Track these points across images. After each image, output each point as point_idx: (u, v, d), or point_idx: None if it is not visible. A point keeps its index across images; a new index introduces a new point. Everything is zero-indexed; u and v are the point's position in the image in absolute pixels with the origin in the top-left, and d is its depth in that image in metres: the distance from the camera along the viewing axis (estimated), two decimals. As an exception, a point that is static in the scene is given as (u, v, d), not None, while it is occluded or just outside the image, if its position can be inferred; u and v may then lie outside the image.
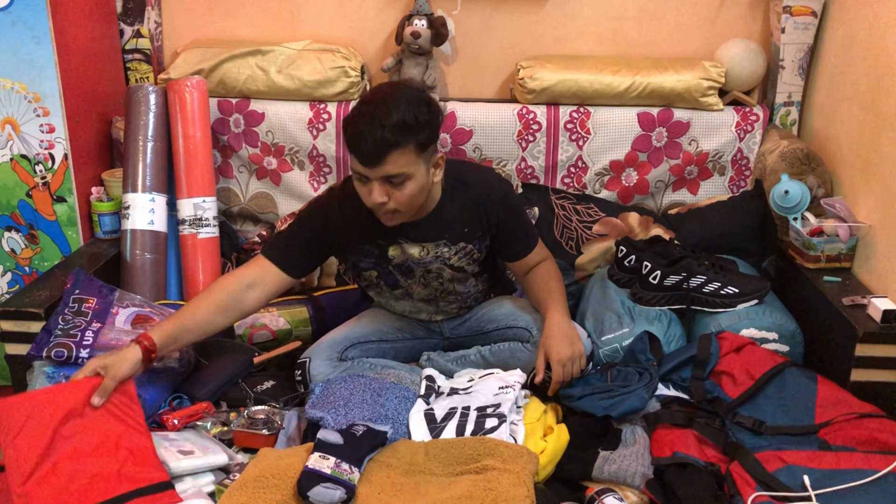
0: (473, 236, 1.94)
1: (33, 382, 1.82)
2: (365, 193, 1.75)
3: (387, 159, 1.67)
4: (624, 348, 2.04)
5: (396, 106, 1.67)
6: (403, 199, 1.74)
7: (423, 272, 1.98)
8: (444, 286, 2.02)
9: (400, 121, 1.66)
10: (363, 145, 1.67)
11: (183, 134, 2.39)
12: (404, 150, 1.68)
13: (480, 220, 1.92)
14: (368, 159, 1.68)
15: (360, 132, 1.67)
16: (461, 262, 1.97)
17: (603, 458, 1.67)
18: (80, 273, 2.05)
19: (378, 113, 1.67)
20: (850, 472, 1.54)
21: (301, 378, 1.97)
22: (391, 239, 1.92)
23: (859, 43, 2.22)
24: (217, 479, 1.65)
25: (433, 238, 1.91)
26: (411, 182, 1.73)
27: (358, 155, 1.69)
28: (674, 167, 2.52)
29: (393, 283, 2.01)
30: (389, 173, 1.69)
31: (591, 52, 2.63)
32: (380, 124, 1.65)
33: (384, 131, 1.65)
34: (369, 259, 1.96)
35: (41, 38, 2.18)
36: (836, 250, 2.15)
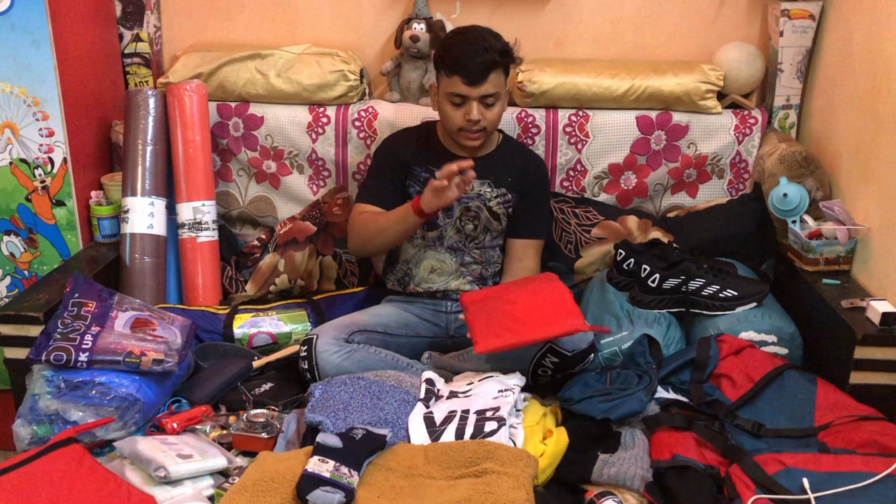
0: (513, 188, 2.18)
1: (32, 386, 1.82)
2: (460, 115, 2.03)
3: (489, 78, 1.99)
4: (623, 351, 2.04)
5: (489, 35, 2.03)
6: (493, 117, 2.05)
7: (462, 210, 2.14)
8: (476, 232, 2.18)
9: (500, 45, 2.02)
10: (471, 64, 1.97)
11: (182, 138, 2.40)
12: (499, 71, 2.02)
13: (522, 176, 2.18)
14: (475, 77, 1.97)
15: (467, 52, 1.97)
16: (499, 208, 2.18)
17: (602, 461, 1.67)
18: (80, 277, 2.05)
19: (478, 38, 2.00)
20: (849, 475, 1.54)
21: (306, 354, 1.97)
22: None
23: (857, 46, 2.22)
24: (216, 483, 1.65)
25: (481, 175, 2.11)
26: (500, 103, 2.06)
27: (463, 74, 1.98)
28: (672, 170, 2.53)
29: (432, 220, 2.13)
30: (489, 92, 2.00)
31: (590, 55, 2.64)
32: (484, 48, 1.98)
33: (489, 53, 1.98)
34: (417, 185, 2.16)
35: (41, 43, 2.19)
36: (835, 253, 2.15)
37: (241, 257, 2.52)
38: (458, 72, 1.99)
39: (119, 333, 1.92)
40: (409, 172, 2.17)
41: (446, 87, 2.03)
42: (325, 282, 2.49)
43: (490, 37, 2.02)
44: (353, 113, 2.52)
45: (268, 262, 2.42)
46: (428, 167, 2.14)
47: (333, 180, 2.58)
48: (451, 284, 2.19)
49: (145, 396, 1.84)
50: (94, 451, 1.78)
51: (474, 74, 1.98)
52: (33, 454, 1.64)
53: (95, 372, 1.82)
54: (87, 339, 1.85)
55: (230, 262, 2.51)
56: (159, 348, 1.91)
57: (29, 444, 1.78)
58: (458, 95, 2.01)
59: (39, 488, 1.56)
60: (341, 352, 1.98)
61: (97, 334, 1.88)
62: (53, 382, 1.80)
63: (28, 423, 1.79)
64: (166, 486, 1.61)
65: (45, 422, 1.79)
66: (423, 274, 2.20)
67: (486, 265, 2.20)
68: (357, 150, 2.53)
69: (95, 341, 1.86)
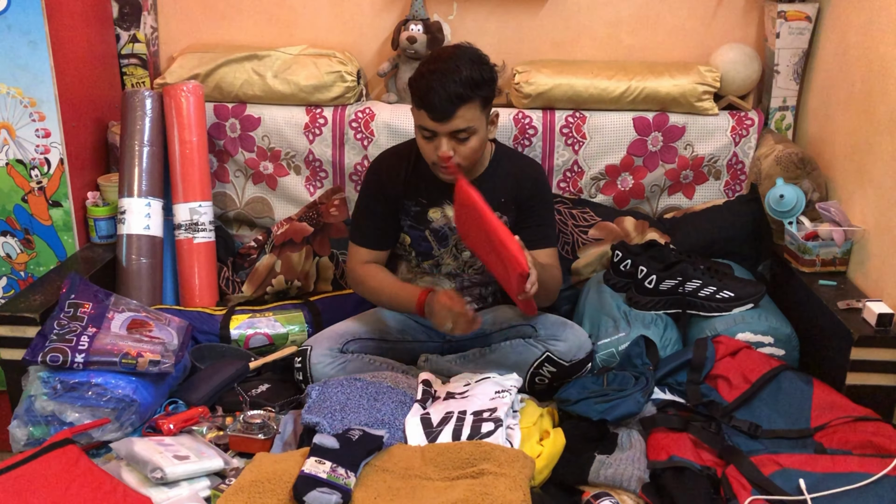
0: (508, 208, 2.04)
1: (28, 387, 1.82)
2: (430, 149, 1.87)
3: (457, 113, 1.81)
4: (620, 353, 2.04)
5: (463, 63, 1.82)
6: (468, 152, 1.87)
7: (457, 240, 2.04)
8: (473, 258, 2.07)
9: (469, 76, 1.80)
10: (435, 100, 1.79)
11: (179, 139, 2.39)
12: (472, 104, 1.82)
13: (515, 192, 2.03)
14: (440, 114, 1.80)
15: (432, 87, 1.79)
16: None
17: (599, 462, 1.67)
18: (76, 278, 2.05)
19: (448, 69, 1.80)
20: (845, 476, 1.54)
21: (301, 366, 1.98)
22: (434, 200, 2.00)
23: (853, 48, 2.23)
24: (213, 484, 1.65)
25: None
26: (475, 137, 1.87)
27: (429, 110, 1.81)
28: (669, 171, 2.53)
29: (426, 251, 2.07)
30: (458, 127, 1.83)
31: (587, 56, 2.64)
32: (451, 80, 1.79)
33: (456, 86, 1.79)
34: (407, 218, 2.05)
35: (37, 43, 2.18)
36: (831, 254, 2.16)
37: (237, 258, 2.52)
38: (424, 107, 1.82)
39: (115, 334, 1.92)
40: (401, 206, 2.07)
41: (416, 120, 1.88)
42: (322, 283, 2.49)
43: (464, 66, 1.81)
44: (350, 114, 2.52)
45: (264, 263, 2.42)
46: (418, 199, 2.04)
47: (330, 181, 2.58)
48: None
49: (142, 398, 1.84)
50: (91, 453, 1.78)
51: (440, 111, 1.80)
52: (29, 455, 1.64)
53: (92, 373, 1.82)
54: (84, 341, 1.85)
55: (227, 264, 2.51)
56: (156, 349, 1.91)
57: (25, 445, 1.78)
58: (426, 129, 1.85)
59: (35, 489, 1.56)
60: (335, 363, 1.98)
61: (93, 335, 1.88)
62: (50, 384, 1.80)
63: (24, 424, 1.79)
64: (162, 488, 1.61)
65: (42, 423, 1.79)
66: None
67: (486, 285, 2.16)
68: (354, 151, 2.53)
69: (92, 342, 1.85)
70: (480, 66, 1.84)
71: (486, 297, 2.18)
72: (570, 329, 2.01)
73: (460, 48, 1.89)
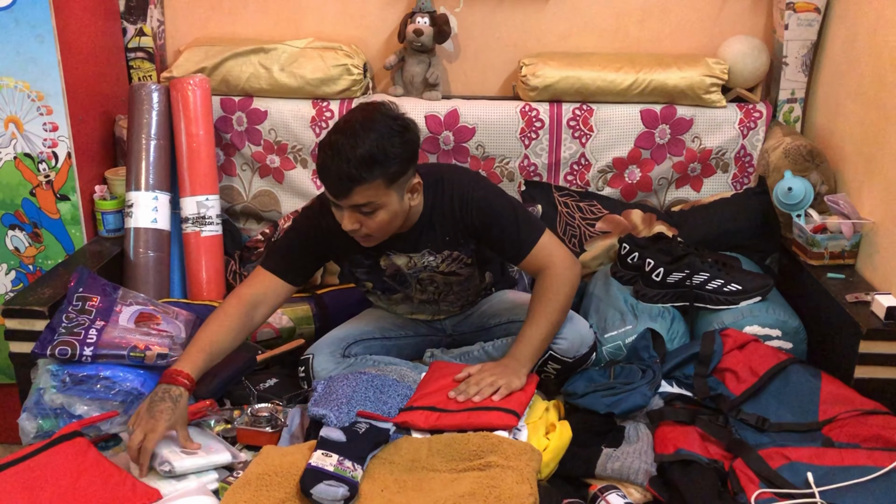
0: (457, 243, 1.91)
1: (37, 380, 1.83)
2: (339, 218, 1.76)
3: (353, 192, 1.67)
4: (627, 346, 2.04)
5: (365, 138, 1.65)
6: (375, 225, 1.74)
7: (415, 281, 1.98)
8: (439, 290, 2.01)
9: (366, 154, 1.64)
10: (328, 178, 1.68)
11: (186, 132, 2.40)
12: (371, 184, 1.67)
13: (460, 228, 1.88)
14: (334, 192, 1.70)
15: (325, 165, 1.67)
16: (451, 266, 1.95)
17: (606, 456, 1.67)
18: (84, 271, 2.05)
19: (345, 146, 1.64)
20: (853, 469, 1.54)
21: (304, 374, 1.98)
22: (378, 251, 1.91)
23: (862, 39, 2.21)
24: (220, 477, 1.65)
25: (417, 248, 1.91)
26: (382, 211, 1.73)
27: (326, 185, 1.71)
28: (677, 164, 2.52)
29: (390, 289, 2.02)
30: (357, 203, 1.69)
31: (594, 49, 2.63)
32: (345, 159, 1.64)
33: (349, 166, 1.64)
34: (362, 269, 1.98)
35: (44, 37, 2.19)
36: (840, 247, 2.15)
37: (244, 252, 2.53)
38: (323, 181, 1.70)
39: (123, 328, 1.93)
40: (345, 259, 1.97)
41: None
42: (329, 276, 2.49)
43: (365, 141, 1.64)
44: (357, 107, 2.51)
45: (271, 257, 2.42)
46: (367, 252, 1.90)
47: (337, 175, 2.57)
48: (440, 316, 2.12)
49: (150, 390, 1.83)
50: (99, 445, 1.78)
51: (333, 189, 1.69)
52: (38, 447, 1.64)
53: (100, 366, 1.83)
54: (92, 334, 1.86)
55: (234, 257, 2.51)
56: (163, 342, 1.91)
57: (34, 437, 1.79)
58: (331, 202, 1.74)
59: (44, 481, 1.57)
60: (339, 368, 1.97)
61: (102, 329, 1.89)
62: (58, 376, 1.81)
63: (33, 416, 1.80)
64: (171, 480, 1.62)
65: (51, 415, 1.80)
66: (405, 312, 2.11)
67: (468, 295, 2.07)
68: (361, 144, 2.52)
69: (100, 336, 1.86)
70: (388, 139, 1.67)
71: (472, 300, 2.11)
72: (570, 324, 1.94)
73: (374, 115, 1.71)
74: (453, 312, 2.11)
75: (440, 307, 2.08)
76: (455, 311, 2.11)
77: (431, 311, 2.10)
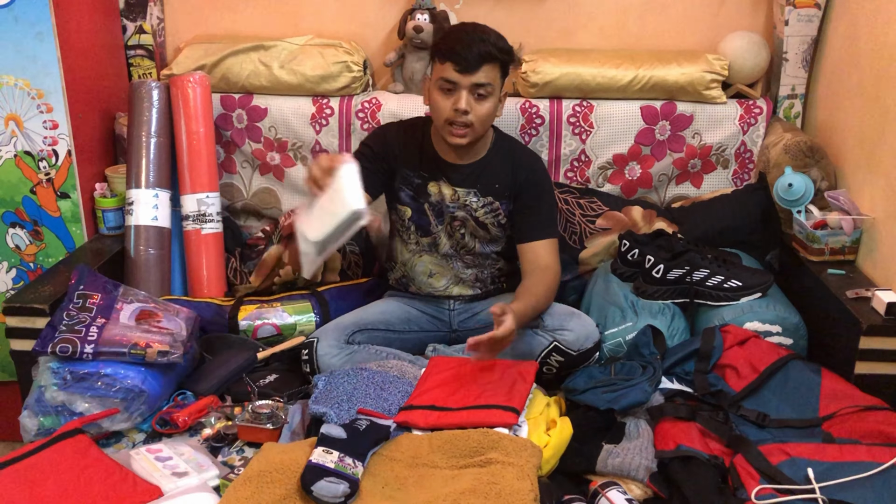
0: (502, 195, 2.08)
1: (38, 378, 1.83)
2: (448, 104, 1.92)
3: (482, 67, 1.90)
4: (627, 342, 2.04)
5: (491, 30, 1.95)
6: (482, 112, 1.94)
7: (450, 218, 2.08)
8: (465, 240, 2.11)
9: (499, 39, 1.94)
10: (464, 51, 1.88)
11: (186, 130, 2.40)
12: (495, 65, 1.93)
13: (510, 181, 2.07)
14: (467, 64, 1.89)
15: (462, 39, 1.90)
16: (486, 217, 2.08)
17: (606, 452, 1.67)
18: (85, 269, 2.06)
19: (478, 30, 1.93)
20: (853, 465, 1.53)
21: (307, 358, 1.99)
22: (434, 174, 2.05)
23: (863, 35, 2.21)
24: (222, 474, 1.66)
25: (467, 185, 2.06)
26: (491, 99, 1.95)
27: (456, 60, 1.89)
28: (677, 160, 2.52)
29: (425, 225, 2.10)
30: (480, 81, 1.90)
31: (594, 45, 2.62)
32: (481, 38, 1.91)
33: (486, 44, 1.90)
34: (408, 189, 2.09)
35: (44, 35, 2.19)
36: (840, 243, 2.15)
37: (245, 249, 2.53)
38: (451, 58, 1.90)
39: (124, 325, 1.93)
40: (399, 173, 2.09)
41: (438, 73, 1.95)
42: (330, 273, 2.49)
43: (491, 32, 1.96)
44: (357, 104, 2.52)
45: (272, 254, 2.42)
46: (420, 172, 2.08)
47: (337, 172, 2.57)
48: (453, 290, 2.18)
49: (150, 388, 1.85)
50: (101, 442, 1.79)
51: (467, 62, 1.89)
52: (40, 445, 1.65)
53: (101, 363, 1.83)
54: (93, 331, 1.86)
55: (235, 254, 2.51)
56: (164, 340, 1.91)
57: (35, 435, 1.79)
58: (448, 81, 1.92)
59: (46, 479, 1.57)
60: (342, 354, 1.99)
61: (102, 326, 1.89)
62: (59, 374, 1.81)
63: (34, 414, 1.80)
64: (172, 477, 1.62)
65: (52, 413, 1.80)
66: (421, 278, 2.18)
67: (482, 269, 2.17)
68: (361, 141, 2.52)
69: (101, 333, 1.86)
70: (503, 38, 1.96)
71: (484, 279, 2.18)
72: (577, 318, 2.02)
73: (481, 24, 2.00)
74: (465, 290, 2.16)
75: (457, 268, 2.14)
76: (466, 291, 2.16)
77: (448, 277, 2.15)
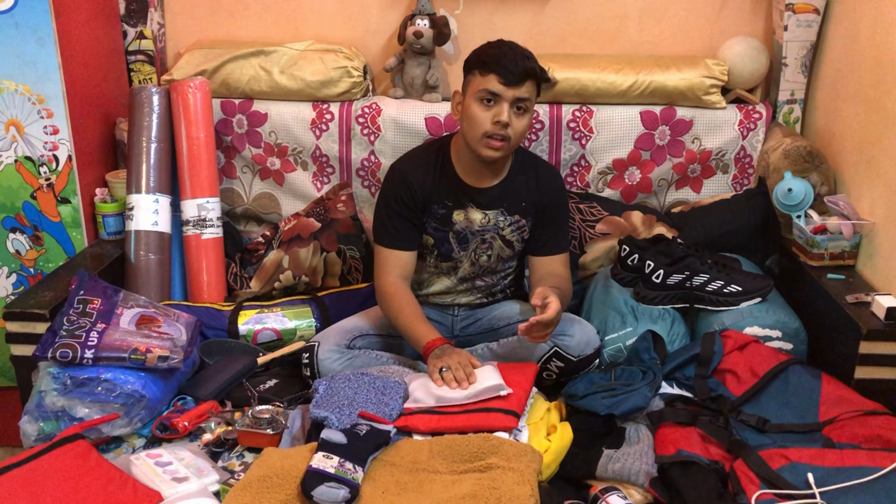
0: (528, 212, 2.10)
1: (38, 383, 1.83)
2: (488, 117, 1.92)
3: (526, 82, 1.91)
4: (627, 347, 2.04)
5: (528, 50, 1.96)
6: (520, 127, 1.95)
7: (477, 243, 2.08)
8: (489, 262, 2.13)
9: (535, 59, 1.96)
10: (511, 64, 1.89)
11: (186, 135, 2.40)
12: (535, 83, 1.95)
13: (534, 198, 2.09)
14: (513, 77, 1.89)
15: (507, 54, 1.91)
16: (512, 235, 2.10)
17: (607, 457, 1.67)
18: (85, 274, 2.06)
19: (519, 47, 1.95)
20: (854, 470, 1.54)
21: (308, 362, 1.99)
22: (459, 202, 2.05)
23: (862, 40, 2.22)
24: (222, 479, 1.66)
25: (495, 206, 2.07)
26: (528, 115, 1.96)
27: (502, 73, 1.89)
28: (677, 165, 2.52)
29: (447, 252, 2.10)
30: (523, 96, 1.92)
31: (594, 50, 2.63)
32: (524, 54, 1.93)
33: (530, 60, 1.93)
34: (433, 221, 2.09)
35: (45, 41, 2.19)
36: (840, 248, 2.15)
37: (245, 254, 2.53)
38: (495, 70, 1.89)
39: (124, 330, 1.93)
40: (427, 210, 2.07)
41: (479, 85, 1.91)
42: (330, 278, 2.49)
43: (528, 51, 1.96)
44: (357, 109, 2.52)
45: (272, 259, 2.43)
46: (444, 203, 2.06)
47: (337, 177, 2.58)
48: (461, 300, 2.19)
49: (151, 393, 1.85)
50: (101, 448, 1.79)
51: (513, 75, 1.89)
52: (40, 450, 1.65)
53: (101, 369, 1.83)
54: (93, 336, 1.86)
55: (235, 259, 2.51)
56: (164, 345, 1.91)
57: (35, 440, 1.79)
58: (491, 93, 1.90)
59: (46, 484, 1.57)
60: (342, 358, 1.99)
61: (103, 331, 1.89)
62: (59, 379, 1.81)
63: (34, 419, 1.80)
64: (172, 482, 1.62)
65: (52, 418, 1.80)
66: (433, 290, 2.19)
67: (495, 283, 2.19)
68: (361, 146, 2.53)
69: (101, 338, 1.86)
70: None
71: (495, 293, 2.19)
72: (577, 324, 2.02)
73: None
74: (472, 302, 2.19)
75: (473, 285, 2.18)
76: (474, 301, 2.19)
77: (459, 293, 2.17)
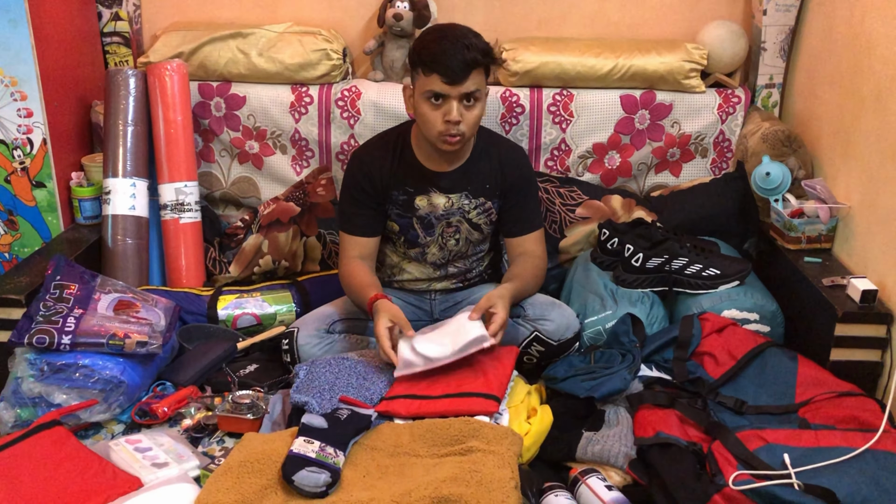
0: (493, 194, 2.06)
1: (15, 369, 1.81)
2: (438, 116, 1.88)
3: (470, 76, 1.85)
4: (607, 330, 2.05)
5: (470, 33, 1.89)
6: (472, 119, 1.90)
7: (443, 227, 2.06)
8: (458, 246, 2.10)
9: (478, 44, 1.87)
10: (450, 62, 1.83)
11: (163, 118, 2.37)
12: (481, 70, 1.88)
13: (499, 179, 2.05)
14: (454, 75, 1.83)
15: (446, 51, 1.83)
16: (479, 218, 2.07)
17: (586, 439, 1.69)
18: (61, 259, 2.03)
19: (458, 36, 1.86)
20: (829, 450, 1.56)
21: (288, 347, 1.98)
22: (421, 187, 2.02)
23: (840, 25, 2.23)
24: (202, 464, 1.65)
25: (458, 189, 2.03)
26: (480, 104, 1.91)
27: (442, 72, 1.84)
28: (656, 149, 2.53)
29: (413, 238, 2.08)
30: (469, 90, 1.86)
31: (574, 34, 2.62)
32: (465, 45, 1.84)
33: (470, 50, 1.84)
34: (395, 207, 2.05)
35: (17, 21, 2.15)
36: (817, 231, 2.17)
37: (224, 238, 2.51)
38: (437, 70, 1.84)
39: (102, 316, 1.91)
40: (388, 196, 2.04)
41: (424, 85, 1.88)
42: (310, 263, 2.48)
43: (470, 34, 1.88)
44: (337, 92, 2.50)
45: (251, 244, 2.41)
46: (405, 189, 2.03)
47: (317, 161, 2.56)
48: (436, 286, 2.17)
49: (129, 378, 1.84)
50: (79, 434, 1.77)
51: (454, 73, 1.83)
52: (17, 437, 1.64)
53: (79, 354, 1.82)
54: (70, 322, 1.84)
55: (213, 244, 2.50)
56: (143, 330, 1.90)
57: (12, 427, 1.78)
58: (436, 95, 1.86)
59: (24, 471, 1.56)
60: (322, 343, 1.99)
61: (80, 317, 1.87)
62: (36, 365, 1.79)
63: (11, 406, 1.79)
64: (151, 468, 1.61)
65: (29, 405, 1.78)
66: (406, 277, 2.17)
67: (469, 268, 2.17)
68: (341, 130, 2.51)
69: (78, 324, 1.85)
70: (482, 38, 1.91)
71: (471, 278, 2.19)
72: (558, 309, 2.02)
73: (457, 24, 1.95)
74: (449, 287, 2.17)
75: (446, 272, 2.15)
76: (451, 287, 2.17)
77: (433, 278, 2.16)
